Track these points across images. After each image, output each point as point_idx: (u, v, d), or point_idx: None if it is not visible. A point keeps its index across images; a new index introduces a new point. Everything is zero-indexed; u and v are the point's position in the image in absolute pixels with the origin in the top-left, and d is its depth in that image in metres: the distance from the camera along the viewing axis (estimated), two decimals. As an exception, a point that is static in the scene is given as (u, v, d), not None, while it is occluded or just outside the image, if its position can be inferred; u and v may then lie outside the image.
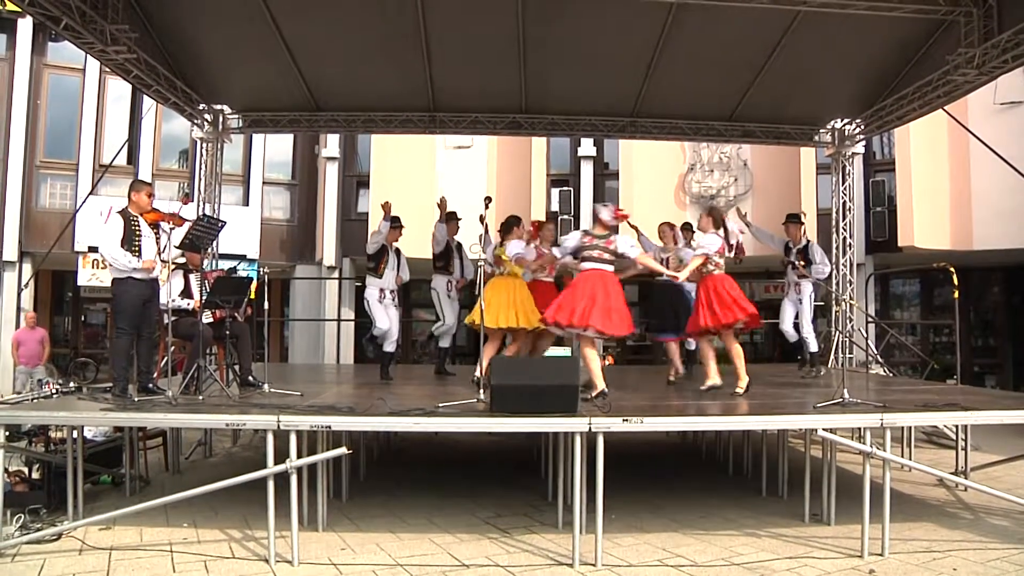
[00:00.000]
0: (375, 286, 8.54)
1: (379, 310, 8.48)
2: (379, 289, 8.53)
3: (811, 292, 9.20)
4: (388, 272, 8.59)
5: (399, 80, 10.02)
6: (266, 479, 5.31)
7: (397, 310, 8.79)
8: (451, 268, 8.95)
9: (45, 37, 16.23)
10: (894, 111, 9.89)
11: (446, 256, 8.95)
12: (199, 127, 10.69)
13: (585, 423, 5.34)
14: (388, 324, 8.51)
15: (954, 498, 7.30)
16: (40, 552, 5.37)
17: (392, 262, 8.66)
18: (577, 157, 17.56)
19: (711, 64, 9.52)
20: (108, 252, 6.51)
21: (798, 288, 9.20)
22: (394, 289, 8.69)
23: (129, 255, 6.47)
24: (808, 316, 9.23)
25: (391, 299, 8.64)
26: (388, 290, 8.60)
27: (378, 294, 8.52)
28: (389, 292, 8.61)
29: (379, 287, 8.53)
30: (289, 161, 18.66)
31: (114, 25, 7.48)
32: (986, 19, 7.57)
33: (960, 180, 15.17)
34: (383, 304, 8.53)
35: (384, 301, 8.54)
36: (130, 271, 6.50)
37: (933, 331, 18.08)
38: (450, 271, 8.94)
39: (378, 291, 8.53)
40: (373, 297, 8.52)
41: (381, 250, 8.56)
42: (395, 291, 8.72)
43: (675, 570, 5.21)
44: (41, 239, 15.55)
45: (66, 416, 5.98)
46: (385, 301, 8.55)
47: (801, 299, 9.18)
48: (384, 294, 8.56)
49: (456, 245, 9.08)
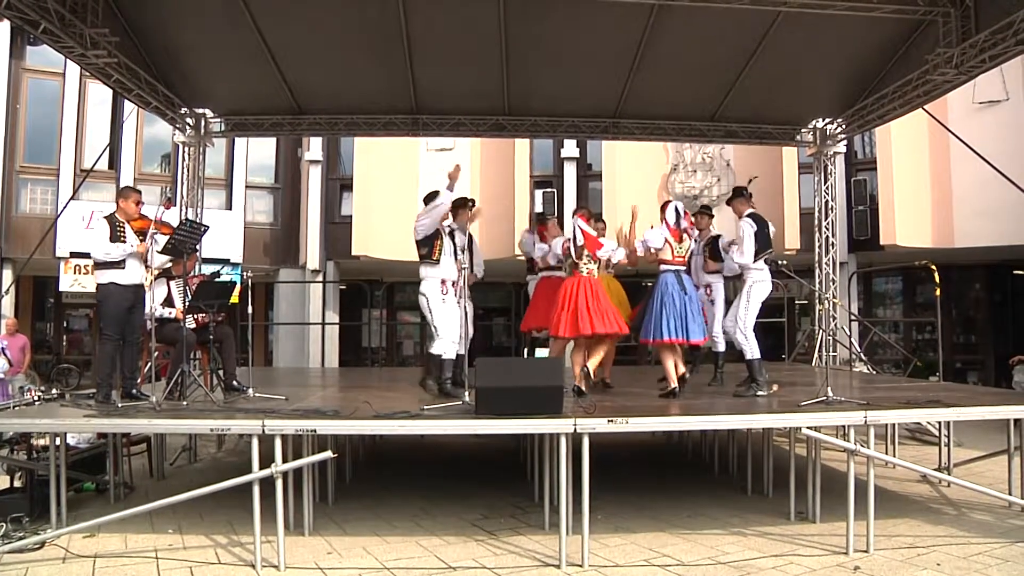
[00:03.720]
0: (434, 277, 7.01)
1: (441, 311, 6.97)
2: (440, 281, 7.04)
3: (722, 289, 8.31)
4: (447, 259, 7.06)
5: (382, 82, 10.00)
6: (252, 484, 5.29)
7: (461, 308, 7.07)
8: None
9: (24, 41, 16.05)
10: (875, 110, 9.98)
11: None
12: (181, 131, 10.64)
13: (570, 424, 5.35)
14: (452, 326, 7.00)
15: (937, 494, 7.35)
16: (23, 561, 5.32)
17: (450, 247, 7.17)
18: (560, 158, 17.59)
19: (693, 65, 9.56)
20: (99, 250, 6.52)
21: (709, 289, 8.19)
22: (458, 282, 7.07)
23: (120, 244, 6.51)
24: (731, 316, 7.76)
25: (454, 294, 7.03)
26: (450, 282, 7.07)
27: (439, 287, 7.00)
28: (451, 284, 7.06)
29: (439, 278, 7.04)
30: (272, 164, 18.58)
31: (94, 29, 7.42)
32: (964, 19, 7.65)
33: (941, 178, 15.30)
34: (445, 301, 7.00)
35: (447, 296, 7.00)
36: (125, 257, 6.53)
37: (916, 329, 18.23)
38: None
39: (438, 283, 7.03)
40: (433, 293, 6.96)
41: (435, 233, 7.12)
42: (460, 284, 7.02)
43: (662, 570, 5.22)
44: (22, 245, 15.40)
45: (49, 423, 5.95)
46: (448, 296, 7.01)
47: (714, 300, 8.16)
48: (446, 287, 7.02)
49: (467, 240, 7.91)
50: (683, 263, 7.15)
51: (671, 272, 7.07)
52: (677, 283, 7.02)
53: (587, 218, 7.31)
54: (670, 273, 7.06)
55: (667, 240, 7.05)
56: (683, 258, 7.15)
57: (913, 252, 15.01)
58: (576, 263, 7.20)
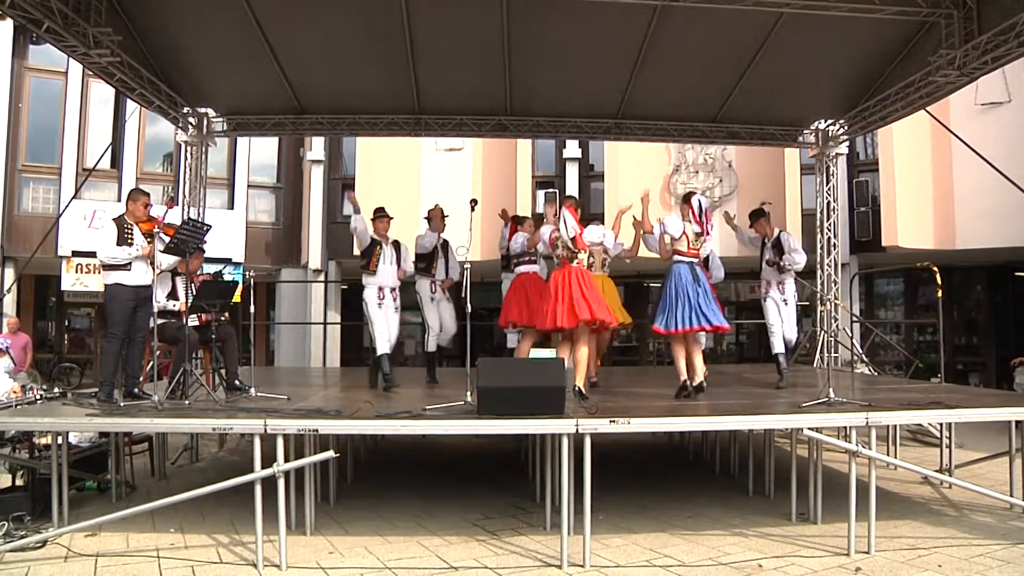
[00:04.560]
0: (372, 285, 8.02)
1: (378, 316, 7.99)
2: (377, 288, 8.02)
3: (795, 290, 8.73)
4: (384, 267, 8.04)
5: (384, 82, 10.01)
6: (253, 483, 5.30)
7: (397, 312, 8.24)
8: (433, 269, 8.65)
9: (26, 40, 16.07)
10: (877, 112, 9.98)
11: (429, 258, 8.66)
12: (183, 130, 10.64)
13: (572, 425, 5.36)
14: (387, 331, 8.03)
15: (939, 495, 7.35)
16: (25, 560, 5.32)
17: (389, 256, 8.12)
18: (562, 159, 17.56)
19: (695, 66, 9.57)
20: (106, 253, 6.58)
21: (782, 287, 8.58)
22: (395, 287, 8.17)
23: (126, 247, 6.56)
24: (794, 317, 8.76)
25: (391, 300, 8.11)
26: (388, 288, 8.08)
27: (376, 295, 8.01)
28: (389, 291, 8.09)
29: (376, 285, 8.02)
30: (274, 164, 18.58)
31: (97, 28, 7.43)
32: (966, 21, 7.65)
33: (943, 180, 15.28)
34: (382, 307, 8.02)
35: (384, 303, 8.04)
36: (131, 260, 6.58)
37: (917, 330, 18.21)
38: (432, 272, 8.65)
39: (376, 291, 8.02)
40: (372, 299, 8.00)
41: (371, 244, 8.08)
42: (395, 289, 8.18)
43: (663, 570, 5.23)
44: (24, 243, 15.41)
45: (51, 422, 5.95)
46: (385, 303, 8.04)
47: (787, 299, 8.57)
48: (383, 293, 8.04)
49: (441, 244, 8.77)
50: (696, 256, 7.08)
51: (684, 264, 7.00)
52: (691, 274, 6.96)
53: (574, 209, 7.24)
54: (683, 264, 7.00)
55: (684, 232, 7.02)
56: (697, 251, 7.08)
57: (915, 253, 15.02)
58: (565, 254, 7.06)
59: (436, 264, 8.69)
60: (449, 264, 8.81)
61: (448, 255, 8.84)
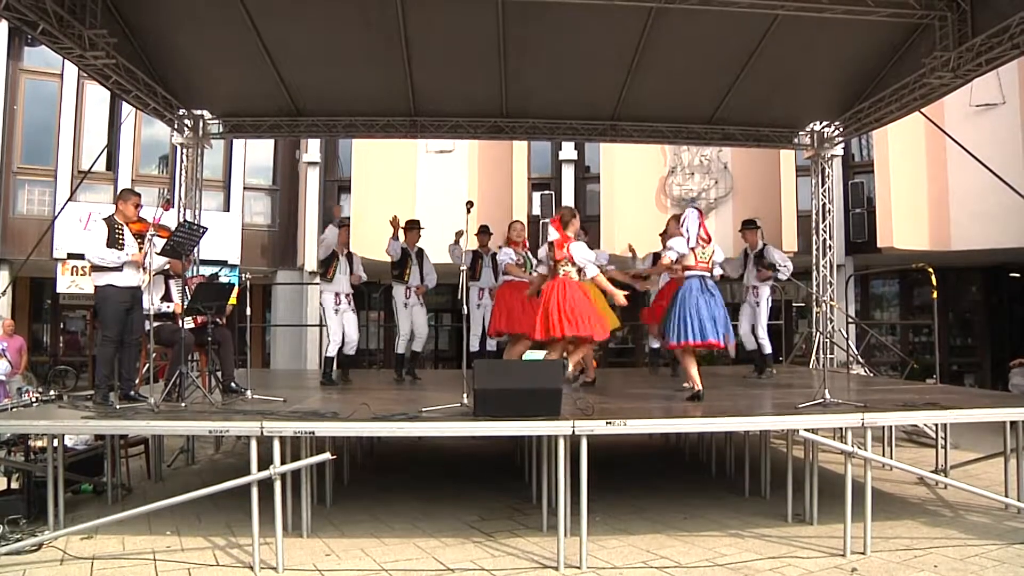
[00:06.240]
0: (329, 291, 8.63)
1: (334, 320, 8.58)
2: (334, 294, 8.61)
3: (768, 295, 9.40)
4: (340, 276, 8.66)
5: (380, 84, 10.00)
6: (250, 486, 5.29)
7: (354, 314, 8.86)
8: (406, 276, 9.10)
9: (21, 41, 16.05)
10: (872, 113, 10.00)
11: (402, 265, 9.11)
12: (179, 132, 10.62)
13: (569, 426, 5.36)
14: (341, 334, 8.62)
15: (934, 496, 7.37)
16: (20, 563, 5.31)
17: (344, 266, 8.71)
18: (558, 161, 17.58)
19: (691, 67, 9.57)
20: (95, 254, 6.51)
21: (756, 292, 9.35)
22: (349, 292, 8.76)
23: (115, 250, 6.51)
24: (764, 320, 9.34)
25: (347, 304, 8.72)
26: (344, 294, 8.68)
27: (333, 300, 8.61)
28: (344, 296, 8.69)
29: (333, 292, 8.61)
30: (270, 166, 18.58)
31: (92, 30, 7.40)
32: (960, 23, 7.67)
33: (938, 181, 15.33)
34: (338, 311, 8.62)
35: (340, 307, 8.64)
36: (120, 264, 6.53)
37: (913, 331, 18.25)
38: (404, 279, 9.10)
39: (333, 296, 8.61)
40: (329, 304, 8.63)
41: (331, 255, 8.62)
42: (350, 295, 8.78)
43: (659, 571, 5.23)
44: (19, 246, 15.39)
45: (46, 424, 5.94)
46: (341, 307, 8.65)
47: (759, 302, 9.33)
48: (340, 299, 8.64)
49: (416, 252, 9.24)
50: (707, 269, 7.06)
51: (696, 277, 7.00)
52: (701, 287, 6.96)
53: (559, 223, 7.40)
54: (695, 278, 6.99)
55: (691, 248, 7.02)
56: (707, 264, 7.06)
57: (910, 255, 15.06)
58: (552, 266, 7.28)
59: (409, 271, 9.15)
60: (424, 271, 9.30)
61: (423, 263, 9.32)
